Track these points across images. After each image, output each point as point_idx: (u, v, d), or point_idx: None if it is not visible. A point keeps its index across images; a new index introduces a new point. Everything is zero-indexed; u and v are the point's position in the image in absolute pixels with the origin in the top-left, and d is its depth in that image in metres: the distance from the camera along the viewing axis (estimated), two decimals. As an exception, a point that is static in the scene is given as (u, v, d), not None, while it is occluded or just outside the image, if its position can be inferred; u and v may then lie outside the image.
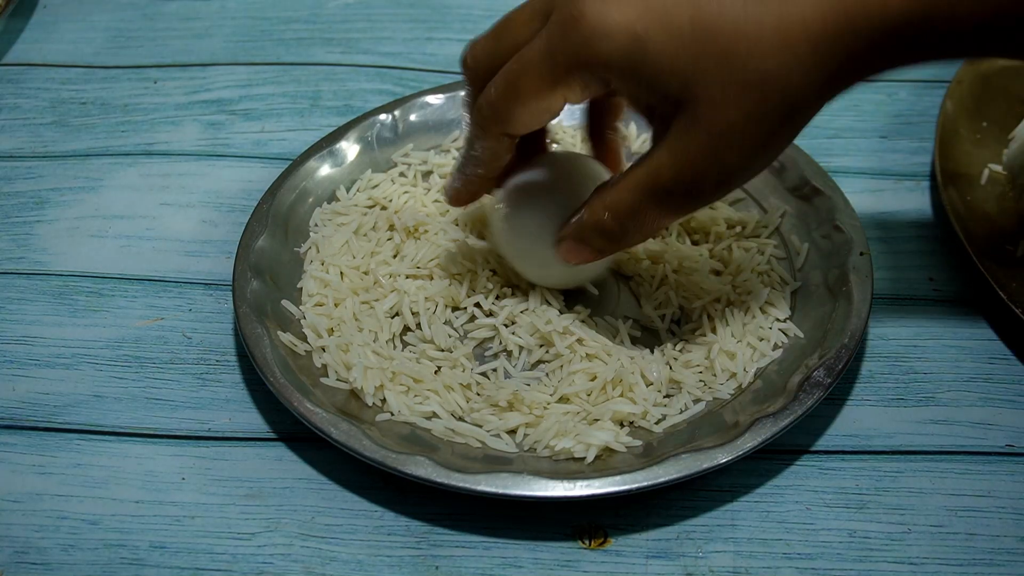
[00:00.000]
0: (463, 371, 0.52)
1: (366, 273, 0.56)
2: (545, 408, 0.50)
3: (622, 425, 0.50)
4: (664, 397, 0.51)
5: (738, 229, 0.58)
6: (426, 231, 0.58)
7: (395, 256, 0.57)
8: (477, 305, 0.55)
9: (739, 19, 0.42)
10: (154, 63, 0.74)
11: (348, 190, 0.61)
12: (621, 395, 0.50)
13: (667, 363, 0.52)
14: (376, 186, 0.61)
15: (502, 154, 0.49)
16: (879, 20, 0.41)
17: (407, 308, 0.54)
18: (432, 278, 0.56)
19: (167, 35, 0.76)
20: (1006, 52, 0.43)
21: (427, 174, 0.62)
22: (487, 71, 0.48)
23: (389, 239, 0.58)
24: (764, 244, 0.57)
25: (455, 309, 0.55)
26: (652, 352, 0.53)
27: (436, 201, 0.60)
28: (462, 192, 0.52)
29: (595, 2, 0.43)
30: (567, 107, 0.47)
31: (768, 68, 0.42)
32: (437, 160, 0.62)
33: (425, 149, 0.63)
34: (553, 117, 0.48)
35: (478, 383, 0.52)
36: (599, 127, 0.55)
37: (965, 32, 0.41)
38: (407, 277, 0.56)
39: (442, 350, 0.53)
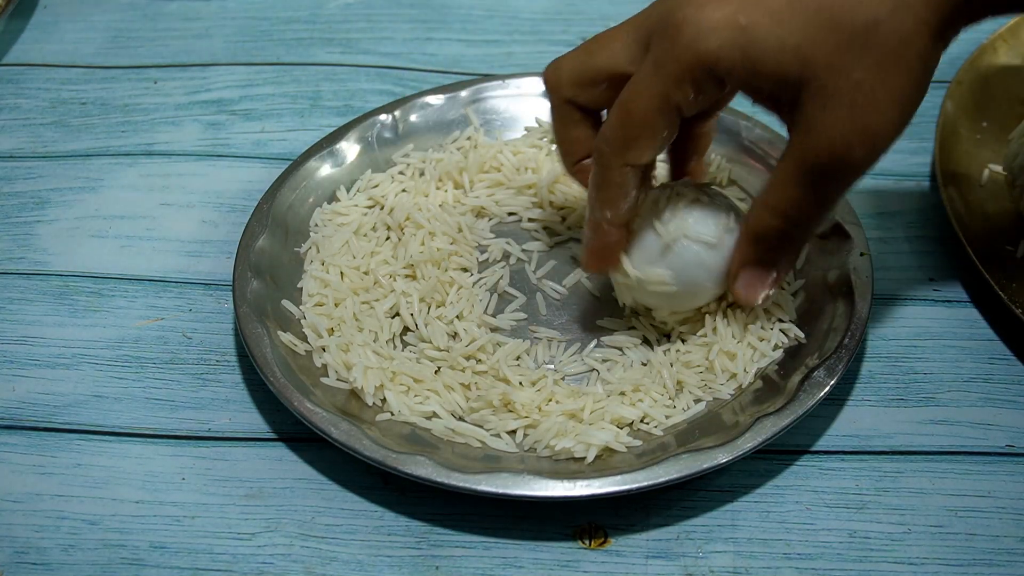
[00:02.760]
0: (462, 371, 0.52)
1: (366, 273, 0.56)
2: (539, 410, 0.50)
3: (622, 426, 0.50)
4: (667, 399, 0.51)
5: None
6: (420, 226, 0.58)
7: (395, 256, 0.57)
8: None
9: None
10: (154, 63, 0.74)
11: (348, 190, 0.61)
12: (631, 404, 0.50)
13: (671, 363, 0.52)
14: (376, 186, 0.61)
15: (630, 190, 0.48)
16: None
17: (405, 308, 0.54)
18: (424, 278, 0.56)
19: (167, 35, 0.76)
20: None
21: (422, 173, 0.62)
22: (573, 85, 0.48)
23: (387, 239, 0.58)
24: None
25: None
26: (653, 349, 0.53)
27: (426, 195, 0.60)
28: (596, 248, 0.50)
29: (693, 8, 0.44)
30: None
31: (878, 16, 0.42)
32: (436, 156, 0.62)
33: (425, 149, 0.63)
34: (672, 136, 0.47)
35: (476, 384, 0.52)
36: (680, 156, 0.55)
37: None
38: (405, 277, 0.56)
39: (441, 350, 0.53)
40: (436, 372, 0.52)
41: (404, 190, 0.60)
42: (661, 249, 0.50)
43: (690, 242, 0.50)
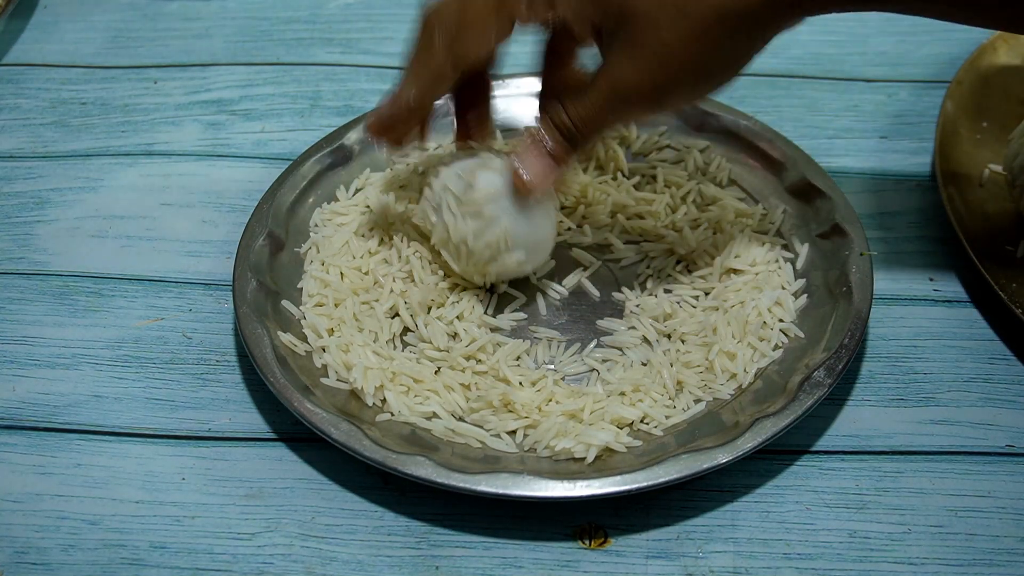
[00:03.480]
0: (462, 371, 0.52)
1: (366, 273, 0.56)
2: (539, 411, 0.50)
3: (622, 427, 0.50)
4: (667, 399, 0.51)
5: (747, 221, 0.58)
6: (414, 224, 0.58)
7: (398, 256, 0.57)
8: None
9: None
10: (154, 63, 0.74)
11: (348, 190, 0.61)
12: (631, 404, 0.50)
13: (671, 363, 0.52)
14: (372, 184, 0.61)
15: (441, 82, 0.49)
16: None
17: (404, 309, 0.54)
18: (421, 281, 0.56)
19: (167, 35, 0.76)
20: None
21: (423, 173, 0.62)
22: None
23: (381, 241, 0.58)
24: (773, 242, 0.57)
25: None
26: (653, 349, 0.53)
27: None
28: (386, 120, 0.51)
29: None
30: None
31: None
32: (436, 155, 0.62)
33: (425, 149, 0.63)
34: (500, 40, 0.48)
35: (476, 384, 0.52)
36: (551, 92, 0.54)
37: None
38: (405, 279, 0.56)
39: (441, 350, 0.53)
40: (436, 372, 0.52)
41: (402, 186, 0.60)
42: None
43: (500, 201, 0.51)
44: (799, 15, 0.46)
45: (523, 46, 0.54)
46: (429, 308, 0.55)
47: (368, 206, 0.60)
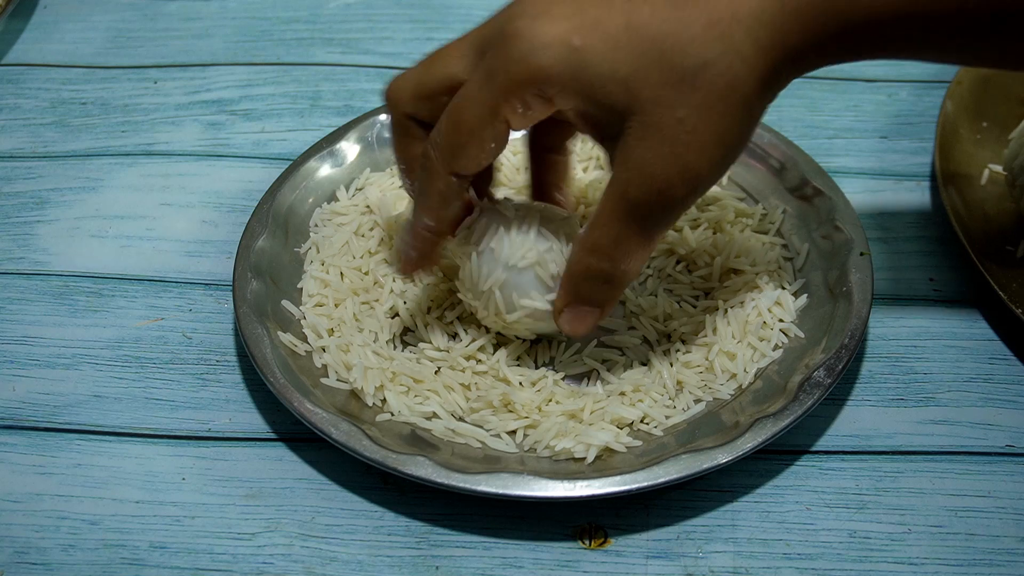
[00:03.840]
0: (462, 371, 0.52)
1: (366, 273, 0.56)
2: (539, 411, 0.50)
3: (622, 427, 0.50)
4: (667, 399, 0.51)
5: (747, 220, 0.58)
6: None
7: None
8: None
9: (670, 19, 0.42)
10: (154, 63, 0.74)
11: (348, 190, 0.61)
12: (631, 404, 0.50)
13: (671, 363, 0.52)
14: (373, 184, 0.61)
15: (452, 200, 0.48)
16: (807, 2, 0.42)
17: (404, 309, 0.54)
18: (421, 282, 0.56)
19: (167, 35, 0.76)
20: (942, 52, 0.45)
21: None
22: (413, 99, 0.47)
23: (381, 241, 0.58)
24: (773, 242, 0.57)
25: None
26: (653, 349, 0.53)
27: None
28: (414, 255, 0.50)
29: (528, 19, 0.43)
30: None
31: (707, 58, 0.42)
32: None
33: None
34: (500, 148, 0.46)
35: (476, 384, 0.52)
36: (542, 186, 0.54)
37: (891, 19, 0.42)
38: (404, 279, 0.56)
39: (441, 350, 0.53)
40: (436, 372, 0.52)
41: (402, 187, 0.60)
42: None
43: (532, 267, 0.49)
44: (802, 73, 0.45)
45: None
46: (429, 308, 0.55)
47: (368, 206, 0.60)
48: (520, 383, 0.51)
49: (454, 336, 0.54)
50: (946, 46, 0.44)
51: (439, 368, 0.53)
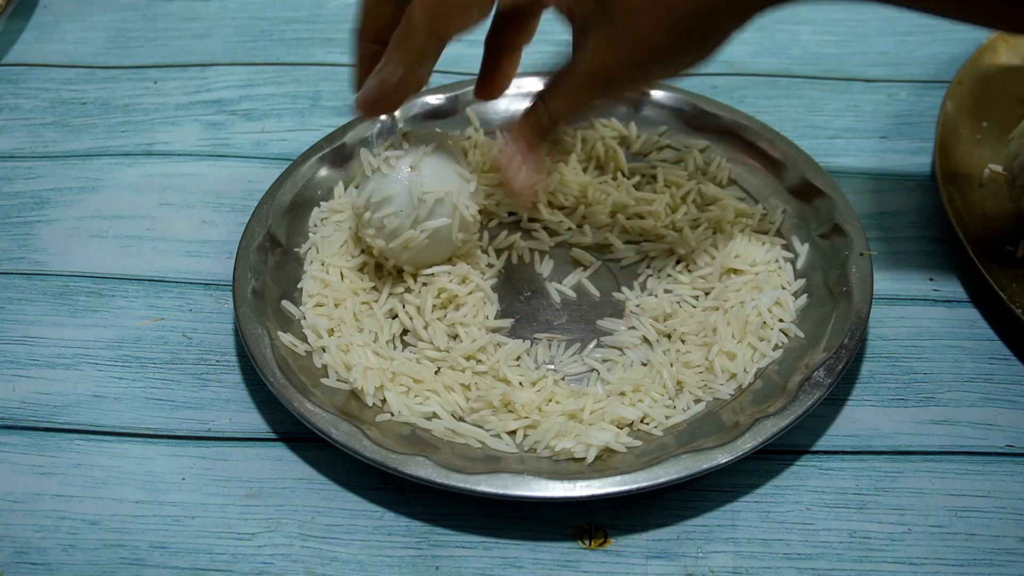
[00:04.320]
0: (461, 371, 0.52)
1: (365, 272, 0.56)
2: (539, 411, 0.50)
3: (622, 427, 0.50)
4: (667, 399, 0.51)
5: (747, 220, 0.58)
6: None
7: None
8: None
9: None
10: (154, 63, 0.74)
11: (346, 188, 0.61)
12: (631, 404, 0.50)
13: (671, 363, 0.52)
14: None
15: (428, 59, 0.50)
16: None
17: (403, 311, 0.54)
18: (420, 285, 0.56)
19: (167, 35, 0.76)
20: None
21: None
22: None
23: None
24: (773, 242, 0.57)
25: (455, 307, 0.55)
26: (653, 349, 0.53)
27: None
28: (375, 98, 0.51)
29: None
30: None
31: None
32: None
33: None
34: (483, 16, 0.49)
35: (476, 384, 0.52)
36: (500, 43, 0.55)
37: None
38: (404, 276, 0.56)
39: (441, 351, 0.53)
40: (436, 373, 0.52)
41: None
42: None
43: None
44: (768, 5, 0.48)
45: (524, 46, 0.54)
46: (433, 307, 0.55)
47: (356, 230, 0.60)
48: (520, 383, 0.51)
49: (454, 337, 0.54)
50: None
51: (439, 368, 0.53)
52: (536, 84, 0.62)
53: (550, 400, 0.51)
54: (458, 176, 0.53)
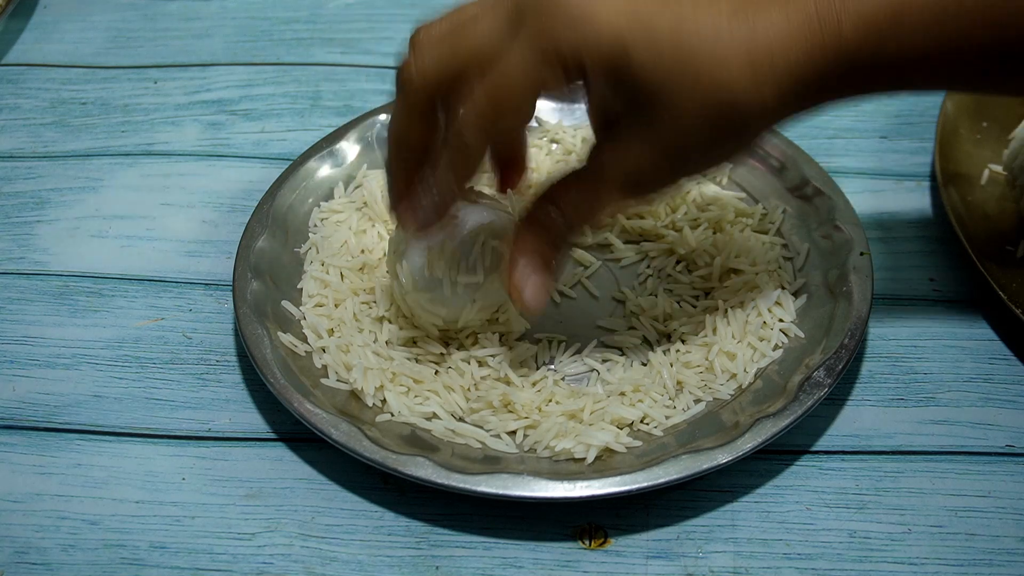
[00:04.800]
0: (460, 375, 0.52)
1: (363, 271, 0.56)
2: (539, 411, 0.50)
3: (622, 427, 0.50)
4: (667, 400, 0.51)
5: (747, 220, 0.58)
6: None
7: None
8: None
9: (714, 41, 0.43)
10: (154, 63, 0.74)
11: (345, 188, 0.61)
12: (631, 405, 0.50)
13: (671, 363, 0.52)
14: (370, 179, 0.61)
15: (477, 166, 0.47)
16: (834, 53, 0.43)
17: (395, 319, 0.54)
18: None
19: (167, 35, 0.76)
20: (956, 85, 0.48)
21: None
22: (439, 79, 0.45)
23: (380, 233, 0.58)
24: (773, 242, 0.57)
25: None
26: (653, 349, 0.53)
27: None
28: (432, 213, 0.48)
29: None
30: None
31: (734, 94, 0.43)
32: None
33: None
34: (531, 114, 0.46)
35: (476, 385, 0.52)
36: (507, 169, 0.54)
37: (914, 65, 0.45)
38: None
39: (440, 353, 0.53)
40: (436, 373, 0.52)
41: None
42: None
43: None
44: (808, 110, 0.46)
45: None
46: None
47: (365, 202, 0.60)
48: (520, 383, 0.51)
49: (449, 343, 0.54)
50: (970, 81, 0.46)
51: (438, 370, 0.53)
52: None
53: (550, 400, 0.51)
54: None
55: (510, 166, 0.53)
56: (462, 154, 0.46)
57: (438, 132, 0.47)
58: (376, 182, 0.60)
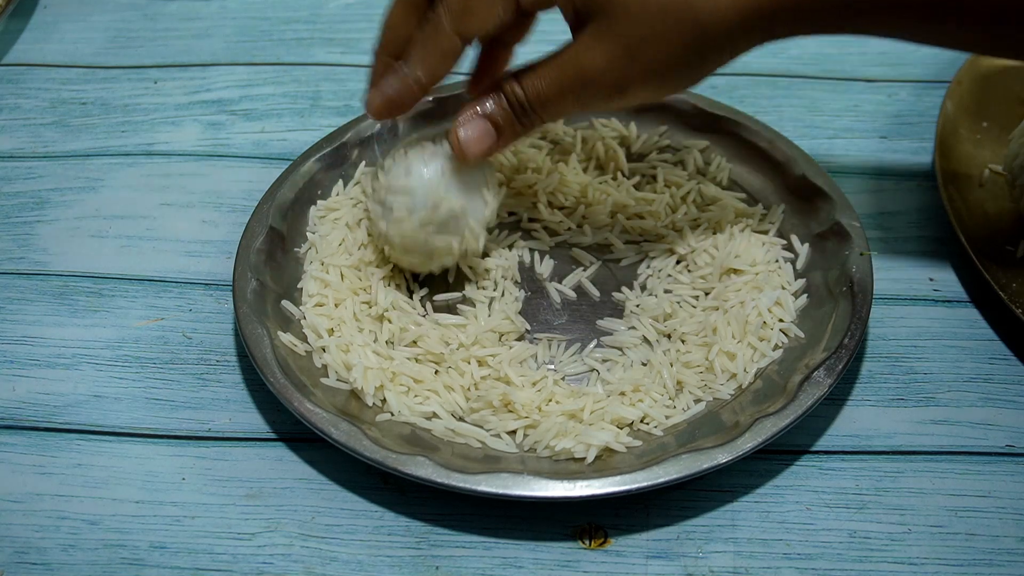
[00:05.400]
0: (461, 375, 0.52)
1: (359, 269, 0.56)
2: (539, 411, 0.50)
3: (622, 427, 0.50)
4: (667, 399, 0.51)
5: (747, 220, 0.58)
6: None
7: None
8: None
9: None
10: (154, 63, 0.74)
11: (345, 186, 0.61)
12: (631, 404, 0.50)
13: (671, 363, 0.52)
14: (367, 175, 0.61)
15: (449, 59, 0.50)
16: None
17: (396, 319, 0.54)
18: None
19: (167, 35, 0.76)
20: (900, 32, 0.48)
21: None
22: None
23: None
24: (773, 242, 0.57)
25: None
26: (653, 349, 0.53)
27: None
28: (394, 100, 0.51)
29: None
30: None
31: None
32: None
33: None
34: (506, 18, 0.49)
35: (475, 385, 0.52)
36: (482, 73, 0.55)
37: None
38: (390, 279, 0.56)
39: (441, 353, 0.53)
40: (436, 373, 0.52)
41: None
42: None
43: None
44: (768, 38, 0.48)
45: (524, 46, 0.54)
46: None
47: (362, 199, 0.60)
48: (520, 383, 0.51)
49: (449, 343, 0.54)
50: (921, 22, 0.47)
51: (438, 370, 0.53)
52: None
53: (550, 400, 0.51)
54: (481, 196, 0.53)
55: (483, 75, 0.55)
56: (431, 42, 0.49)
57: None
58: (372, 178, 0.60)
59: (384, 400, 0.51)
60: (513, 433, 0.50)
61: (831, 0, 0.47)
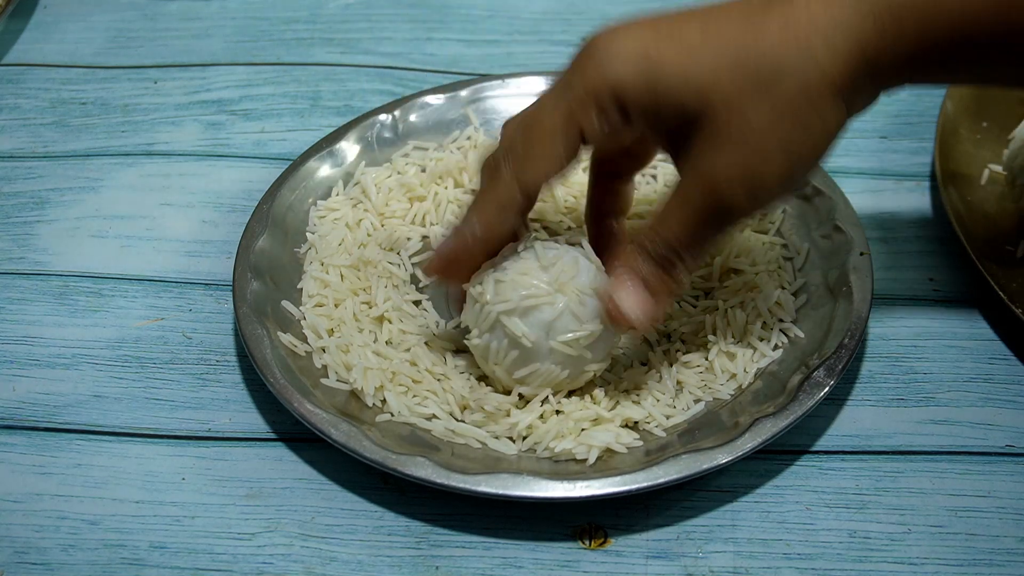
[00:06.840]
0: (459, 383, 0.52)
1: (359, 269, 0.56)
2: (540, 419, 0.50)
3: (624, 426, 0.50)
4: (667, 399, 0.51)
5: (747, 221, 0.58)
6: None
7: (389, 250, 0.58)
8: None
9: (747, 27, 0.43)
10: (154, 63, 0.74)
11: (344, 187, 0.61)
12: (633, 402, 0.50)
13: (671, 363, 0.52)
14: (368, 175, 0.61)
15: (509, 213, 0.46)
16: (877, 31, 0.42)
17: (396, 320, 0.54)
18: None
19: (167, 35, 0.76)
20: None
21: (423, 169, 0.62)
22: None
23: (373, 230, 0.58)
24: (773, 242, 0.57)
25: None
26: (653, 349, 0.53)
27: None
28: (450, 257, 0.48)
29: (607, 33, 0.44)
30: None
31: (781, 64, 0.42)
32: (436, 155, 0.62)
33: (425, 149, 0.63)
34: (569, 161, 0.45)
35: (471, 390, 0.51)
36: (600, 212, 0.53)
37: (978, 29, 0.42)
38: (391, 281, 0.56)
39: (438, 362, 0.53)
40: (437, 380, 0.52)
41: (398, 171, 0.61)
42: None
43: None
44: (886, 87, 0.45)
45: (524, 46, 0.54)
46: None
47: (365, 193, 0.60)
48: (520, 395, 0.50)
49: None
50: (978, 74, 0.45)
51: (439, 378, 0.52)
52: (536, 84, 0.62)
53: (548, 400, 0.51)
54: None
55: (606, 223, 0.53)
56: (491, 193, 0.46)
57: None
58: (371, 177, 0.60)
59: (384, 400, 0.51)
60: (513, 435, 0.50)
61: (945, 35, 0.42)
